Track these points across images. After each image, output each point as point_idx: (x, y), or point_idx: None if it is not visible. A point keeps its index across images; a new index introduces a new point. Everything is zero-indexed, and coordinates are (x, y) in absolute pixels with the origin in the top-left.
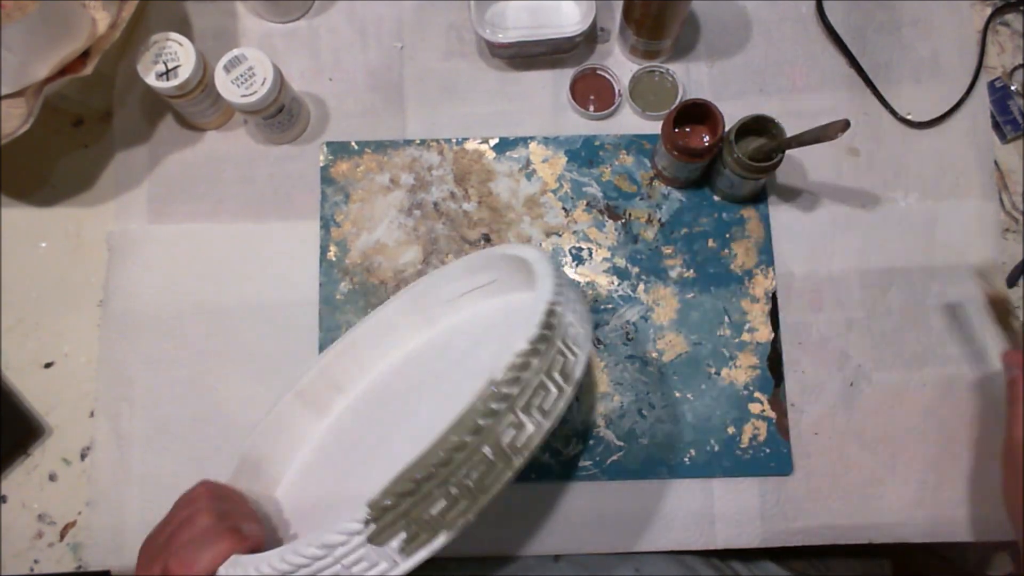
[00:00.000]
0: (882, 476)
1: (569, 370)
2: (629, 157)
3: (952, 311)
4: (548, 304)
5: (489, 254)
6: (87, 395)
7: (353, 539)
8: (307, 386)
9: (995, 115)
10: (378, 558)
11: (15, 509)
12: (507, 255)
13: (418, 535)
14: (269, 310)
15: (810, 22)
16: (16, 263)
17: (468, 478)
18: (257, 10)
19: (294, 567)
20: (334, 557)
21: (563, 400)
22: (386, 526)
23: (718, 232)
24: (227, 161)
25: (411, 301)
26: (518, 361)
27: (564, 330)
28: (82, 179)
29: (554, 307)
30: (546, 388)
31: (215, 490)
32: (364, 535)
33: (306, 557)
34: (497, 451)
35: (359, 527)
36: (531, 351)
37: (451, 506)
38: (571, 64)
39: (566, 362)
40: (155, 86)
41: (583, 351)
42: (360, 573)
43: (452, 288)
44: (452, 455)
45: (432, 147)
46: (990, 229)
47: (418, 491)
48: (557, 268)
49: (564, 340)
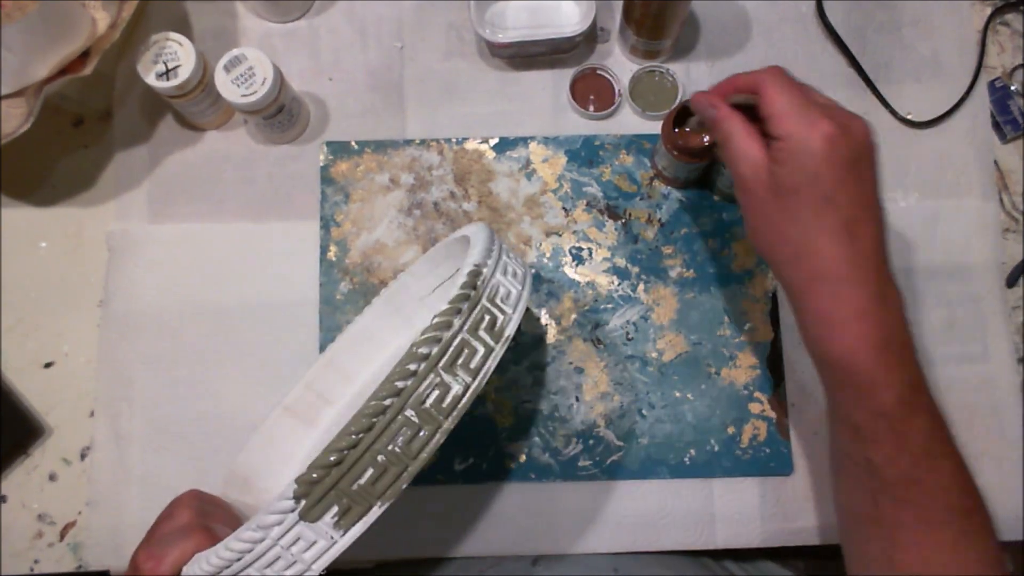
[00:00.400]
0: None
1: (499, 328)
2: (629, 157)
3: (952, 311)
4: (473, 266)
5: (446, 243)
6: (87, 395)
7: (287, 517)
8: (294, 400)
9: (995, 115)
10: (315, 535)
11: (15, 509)
12: (459, 238)
13: (350, 508)
14: (269, 310)
15: (810, 22)
16: (16, 263)
17: (394, 444)
18: (257, 10)
19: (238, 553)
20: (272, 538)
21: (492, 358)
22: (316, 501)
23: (718, 232)
24: (227, 161)
25: (385, 305)
26: (437, 321)
27: (493, 290)
28: (82, 179)
29: (479, 268)
30: (472, 347)
31: (200, 495)
32: (296, 512)
33: (247, 542)
34: (421, 413)
35: (290, 504)
36: (451, 310)
37: (380, 474)
38: (571, 64)
39: (495, 320)
40: (155, 86)
41: (515, 310)
42: (299, 552)
43: (422, 285)
44: (373, 421)
45: (432, 147)
46: (990, 229)
47: (343, 462)
48: (491, 235)
49: (493, 299)
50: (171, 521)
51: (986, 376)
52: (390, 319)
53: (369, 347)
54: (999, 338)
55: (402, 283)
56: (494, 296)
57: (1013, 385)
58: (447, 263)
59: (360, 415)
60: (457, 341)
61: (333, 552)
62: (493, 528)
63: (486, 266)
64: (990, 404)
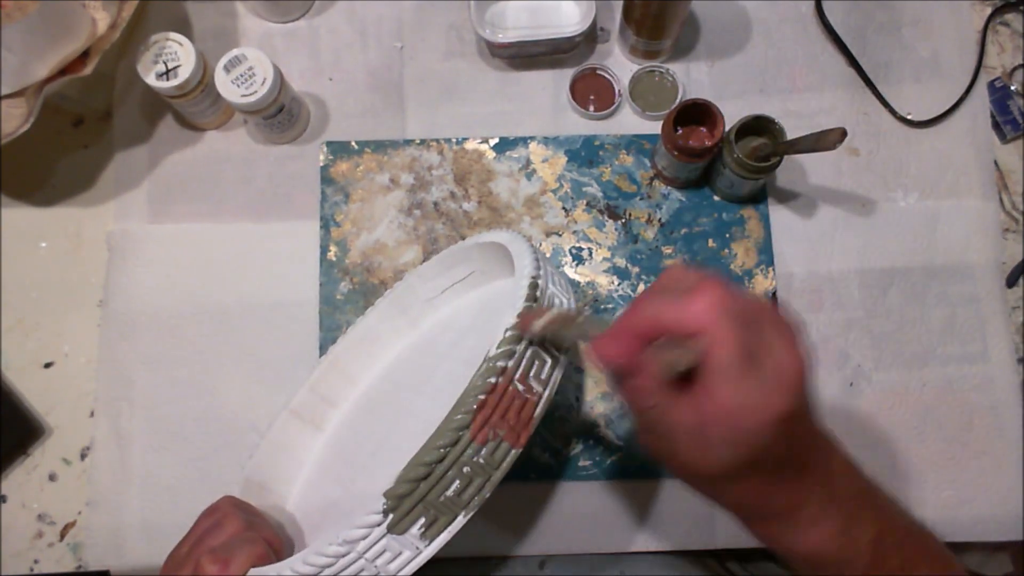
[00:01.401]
0: (882, 476)
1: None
2: (629, 157)
3: (952, 311)
4: (531, 278)
5: (463, 247)
6: (87, 395)
7: (373, 531)
8: (300, 404)
9: (995, 115)
10: (400, 547)
11: (15, 509)
12: (481, 244)
13: (437, 519)
14: (269, 310)
15: (810, 22)
16: (16, 263)
17: (479, 455)
18: (257, 10)
19: (318, 568)
20: (357, 552)
21: (558, 368)
22: (404, 514)
23: (718, 232)
24: (227, 161)
25: (391, 306)
26: (510, 335)
27: (550, 301)
28: (82, 179)
29: (536, 280)
30: (541, 358)
31: (238, 503)
32: (384, 525)
33: (329, 556)
34: (501, 424)
35: (378, 518)
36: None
37: (466, 485)
38: (571, 64)
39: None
40: (155, 86)
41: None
42: (384, 564)
43: (431, 287)
44: (459, 435)
45: (432, 147)
46: (990, 229)
47: (431, 474)
48: (532, 245)
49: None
50: (220, 530)
51: (986, 376)
52: (394, 321)
53: (372, 349)
54: (999, 338)
55: (408, 284)
56: (551, 306)
57: (1013, 385)
58: (460, 267)
59: (445, 428)
60: (529, 353)
61: (418, 562)
62: (492, 528)
63: (540, 277)
64: (990, 404)
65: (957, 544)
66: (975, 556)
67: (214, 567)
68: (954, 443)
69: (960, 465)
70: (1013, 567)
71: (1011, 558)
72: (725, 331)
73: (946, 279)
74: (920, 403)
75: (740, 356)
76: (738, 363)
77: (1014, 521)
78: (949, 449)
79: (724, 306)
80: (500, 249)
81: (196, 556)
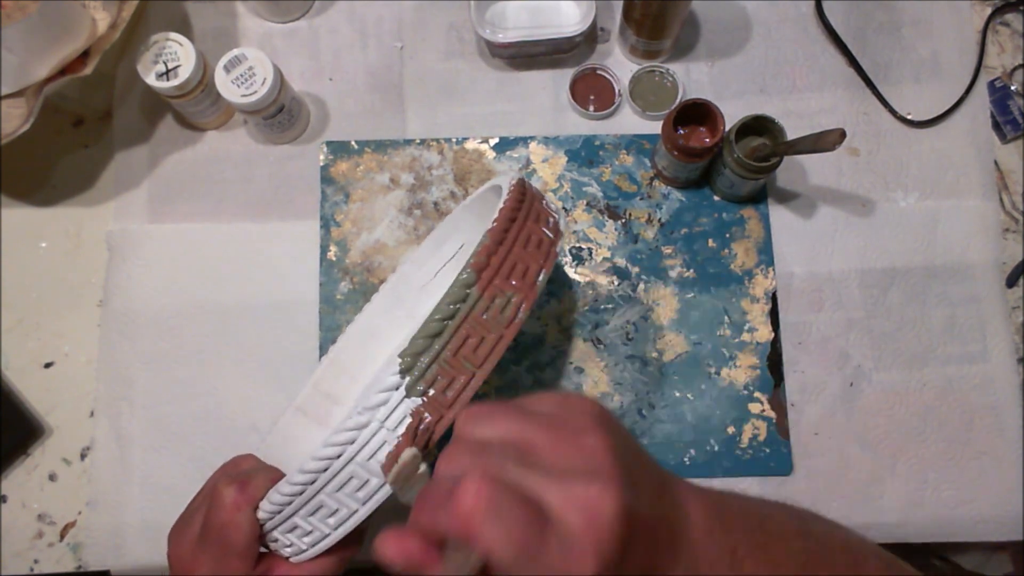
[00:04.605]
0: (882, 476)
1: (553, 224)
2: (629, 157)
3: (952, 311)
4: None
5: (451, 217)
6: (87, 395)
7: (392, 395)
8: (305, 401)
9: (995, 115)
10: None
11: (15, 509)
12: (466, 205)
13: (455, 379)
14: (269, 310)
15: (810, 22)
16: (16, 263)
17: (488, 311)
18: (257, 10)
19: (341, 445)
20: (377, 420)
21: (555, 245)
22: (421, 373)
23: (718, 232)
24: (227, 161)
25: (386, 299)
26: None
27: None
28: (82, 179)
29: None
30: (539, 232)
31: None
32: (403, 387)
33: (350, 430)
34: (506, 285)
35: (396, 380)
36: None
37: (479, 342)
38: (571, 64)
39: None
40: (155, 86)
41: (560, 216)
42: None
43: (424, 272)
44: (466, 292)
45: (432, 147)
46: (990, 229)
47: (444, 331)
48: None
49: (543, 201)
50: (236, 465)
51: (986, 376)
52: (392, 312)
53: (372, 344)
54: (999, 338)
55: (402, 274)
56: (543, 199)
57: (1013, 385)
58: (450, 241)
59: (453, 288)
60: (527, 230)
61: (440, 428)
62: None
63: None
64: (990, 404)
65: (957, 544)
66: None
67: (230, 489)
68: (954, 443)
69: (960, 465)
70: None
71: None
72: (495, 530)
73: (946, 279)
74: (920, 403)
75: (519, 551)
76: (524, 559)
77: (1014, 521)
78: (949, 449)
79: (492, 501)
80: (485, 205)
81: (212, 482)
